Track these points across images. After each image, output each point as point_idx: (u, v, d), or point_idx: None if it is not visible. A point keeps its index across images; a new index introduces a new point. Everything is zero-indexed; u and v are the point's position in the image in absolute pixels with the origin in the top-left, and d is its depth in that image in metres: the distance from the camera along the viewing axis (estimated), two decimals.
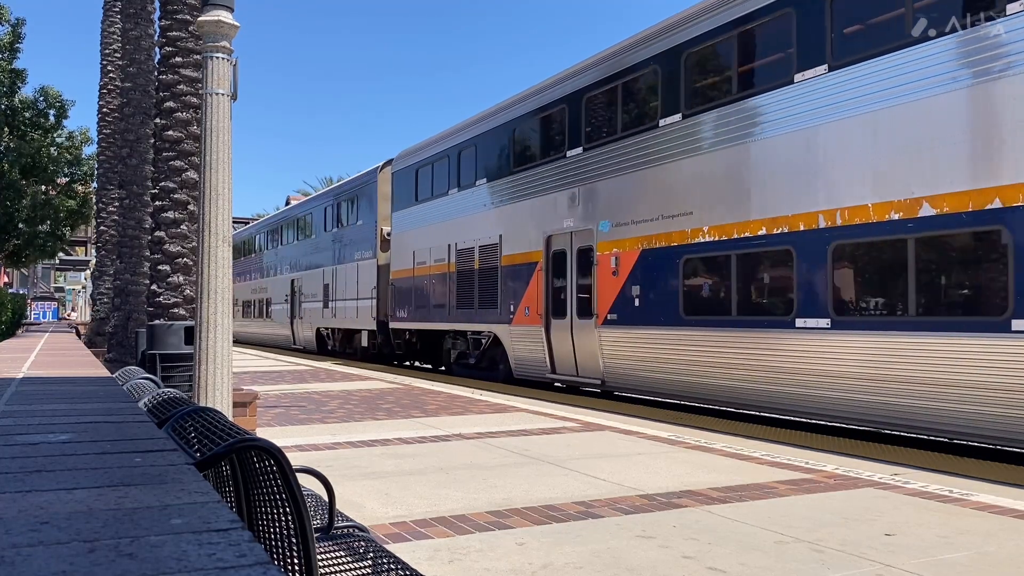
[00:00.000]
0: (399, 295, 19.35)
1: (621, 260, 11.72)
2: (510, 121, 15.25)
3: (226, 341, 6.06)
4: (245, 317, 35.15)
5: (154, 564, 1.12)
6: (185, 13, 8.23)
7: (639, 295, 11.37)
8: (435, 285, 17.59)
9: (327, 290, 24.23)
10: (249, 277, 35.36)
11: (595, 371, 12.21)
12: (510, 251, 14.81)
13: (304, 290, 26.69)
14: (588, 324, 12.33)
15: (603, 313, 11.99)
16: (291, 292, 28.14)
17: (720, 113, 10.32)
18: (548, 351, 13.36)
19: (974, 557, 3.91)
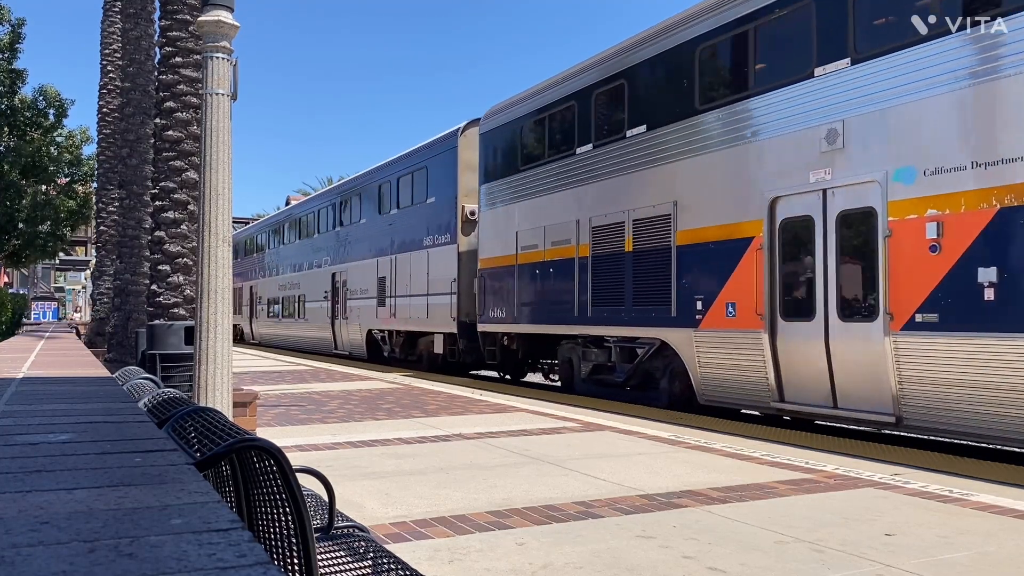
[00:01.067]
0: (492, 289, 14.70)
1: (949, 227, 7.48)
2: (698, 38, 10.36)
3: (226, 341, 6.06)
4: (273, 317, 30.52)
5: (154, 564, 1.12)
6: (185, 13, 8.23)
7: (995, 283, 7.17)
8: (552, 275, 13.01)
9: (383, 284, 19.76)
10: (276, 272, 30.47)
11: (878, 401, 8.08)
12: (693, 224, 10.36)
13: (350, 285, 22.09)
14: (867, 328, 8.20)
15: (905, 312, 7.80)
16: (332, 288, 23.50)
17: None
18: (774, 367, 9.14)
19: (974, 557, 3.91)
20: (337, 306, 23.34)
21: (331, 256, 24.15)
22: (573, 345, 12.95)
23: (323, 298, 24.34)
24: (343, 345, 22.90)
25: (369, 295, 20.70)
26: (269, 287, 31.38)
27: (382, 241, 20.21)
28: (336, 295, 23.38)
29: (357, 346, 21.78)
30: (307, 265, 26.63)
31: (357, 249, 22.00)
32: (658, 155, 11.03)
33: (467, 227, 16.53)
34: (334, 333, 23.62)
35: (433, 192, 17.87)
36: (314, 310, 25.57)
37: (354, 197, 22.85)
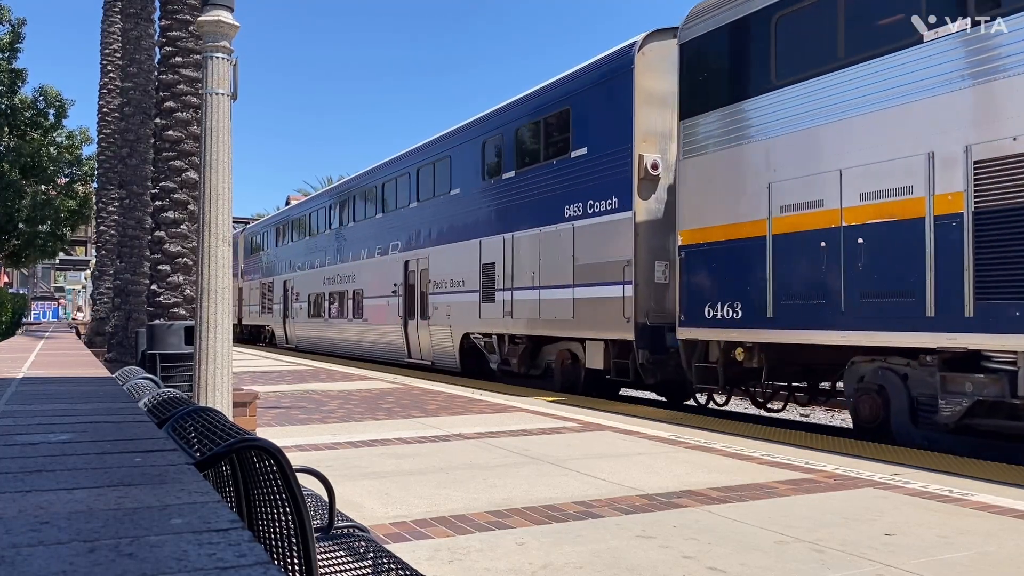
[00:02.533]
0: (710, 276, 9.87)
1: None
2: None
3: (226, 341, 6.06)
4: (316, 318, 25.36)
5: (154, 564, 1.12)
6: (185, 13, 8.23)
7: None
8: (864, 249, 7.96)
9: (491, 273, 14.83)
10: (320, 263, 25.12)
11: None
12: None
13: (435, 275, 17.12)
14: None
15: None
16: (405, 280, 18.68)
17: None
18: None
19: (974, 557, 3.91)
20: (413, 303, 18.32)
21: (404, 240, 18.99)
22: (886, 367, 8.17)
23: (391, 293, 19.35)
24: (421, 352, 17.93)
25: (465, 288, 15.68)
26: (309, 281, 25.91)
27: (488, 216, 15.02)
28: (411, 289, 18.52)
29: (444, 354, 16.68)
30: (366, 252, 21.37)
31: (447, 229, 16.75)
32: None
33: (646, 187, 11.37)
34: (407, 337, 18.48)
35: (584, 141, 12.40)
36: (377, 308, 20.47)
37: (440, 163, 17.47)
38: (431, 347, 17.36)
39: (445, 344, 16.69)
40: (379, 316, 20.28)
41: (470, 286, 15.55)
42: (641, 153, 11.40)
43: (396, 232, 19.62)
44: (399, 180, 19.76)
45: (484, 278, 15.02)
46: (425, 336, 17.63)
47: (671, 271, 10.97)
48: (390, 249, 19.86)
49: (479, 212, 15.48)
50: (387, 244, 20.08)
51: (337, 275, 23.53)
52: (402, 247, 19.13)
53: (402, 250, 19.12)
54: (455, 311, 16.15)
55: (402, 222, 19.30)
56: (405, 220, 19.12)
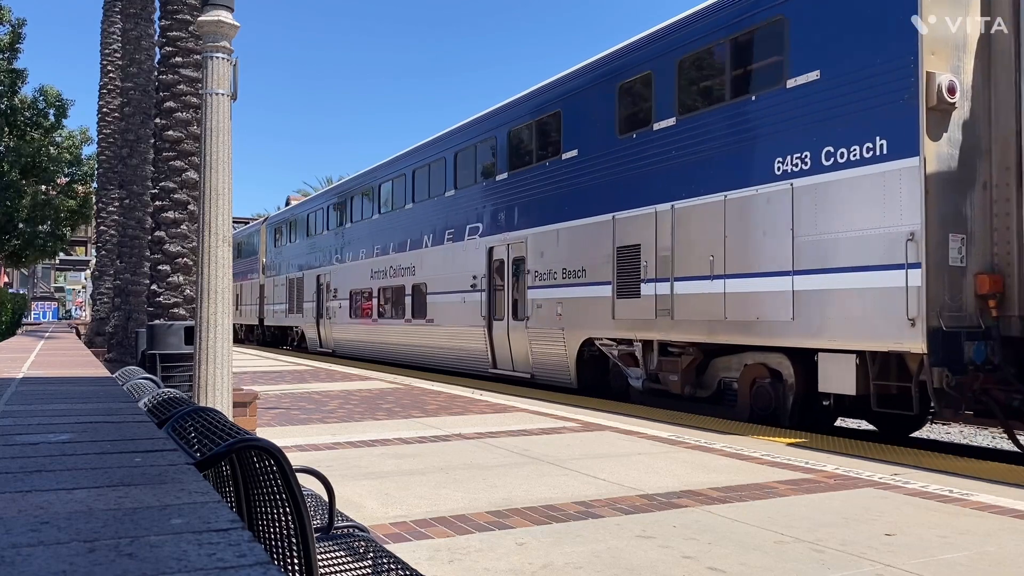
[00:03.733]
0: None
1: None
2: None
3: (226, 341, 6.06)
4: (361, 317, 21.53)
5: (154, 564, 1.12)
6: (185, 13, 8.23)
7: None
8: None
9: (633, 259, 11.13)
10: (367, 252, 21.33)
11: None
12: None
13: (535, 264, 13.54)
14: None
15: None
16: (489, 271, 15.17)
17: None
18: None
19: (974, 557, 3.91)
20: (501, 299, 14.71)
21: (488, 221, 15.26)
22: None
23: (470, 287, 15.61)
24: (513, 362, 14.25)
25: (587, 279, 12.16)
26: (352, 275, 22.08)
27: (626, 183, 11.43)
28: (498, 282, 14.89)
29: (551, 366, 13.12)
30: (431, 239, 17.69)
31: (556, 204, 13.14)
32: None
33: (936, 122, 7.80)
34: (491, 343, 14.87)
35: (814, 58, 8.77)
36: (448, 306, 16.70)
37: (546, 121, 13.60)
38: (529, 356, 13.56)
39: (553, 353, 12.93)
40: (451, 316, 16.50)
41: (596, 276, 11.88)
42: (931, 70, 7.70)
43: (475, 212, 15.68)
44: (479, 148, 15.81)
45: (620, 266, 11.27)
46: (520, 342, 13.86)
47: (976, 247, 7.84)
48: (467, 233, 15.89)
49: (610, 180, 11.76)
50: (462, 227, 16.17)
51: (390, 267, 19.69)
52: (485, 230, 15.22)
53: (485, 234, 15.21)
54: (570, 310, 12.50)
55: (485, 200, 15.42)
56: (489, 197, 15.23)
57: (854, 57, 8.38)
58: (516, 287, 14.27)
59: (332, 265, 23.72)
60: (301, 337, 26.91)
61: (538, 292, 13.43)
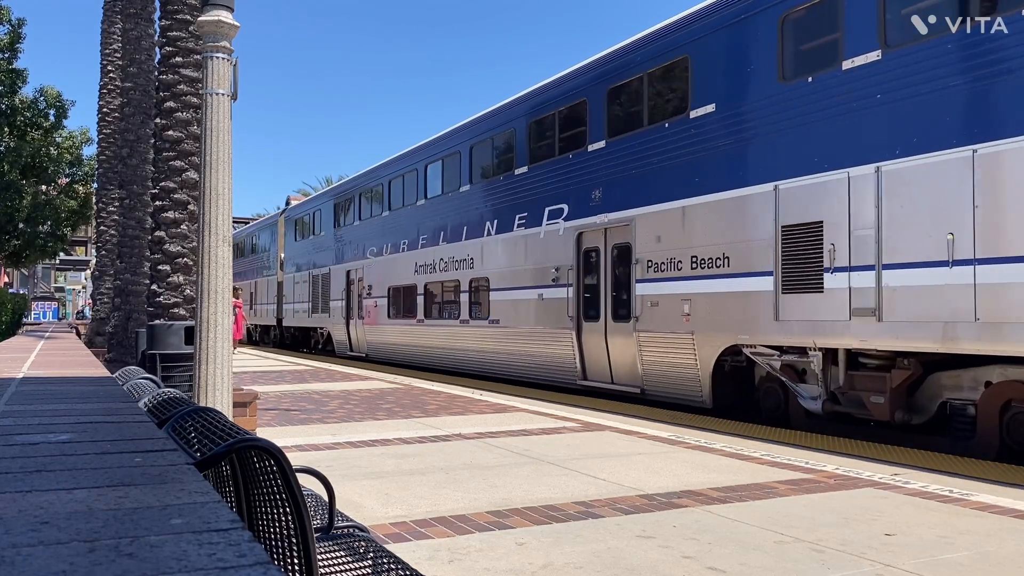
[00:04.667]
0: None
1: None
2: None
3: (226, 341, 6.06)
4: (402, 317, 18.97)
5: (154, 564, 1.12)
6: (185, 13, 8.23)
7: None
8: None
9: (812, 241, 8.63)
10: (403, 245, 19.00)
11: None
12: None
13: (647, 252, 11.02)
14: None
15: None
16: (578, 261, 12.65)
17: None
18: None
19: (974, 557, 3.91)
20: (596, 296, 12.25)
21: (574, 202, 12.69)
22: None
23: (551, 282, 13.17)
24: (614, 372, 11.85)
25: (730, 270, 9.62)
26: (391, 270, 19.60)
27: (796, 142, 8.87)
28: (591, 275, 12.42)
29: (673, 379, 10.61)
30: (495, 225, 15.04)
31: (676, 177, 10.59)
32: None
33: None
34: (581, 350, 12.47)
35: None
36: (518, 305, 14.13)
37: (660, 72, 11.16)
38: (638, 365, 11.15)
39: (675, 362, 10.48)
40: (522, 317, 13.99)
41: (745, 265, 9.37)
42: None
43: (558, 192, 13.10)
44: (561, 114, 13.19)
45: (788, 250, 8.80)
46: (624, 348, 11.47)
47: None
48: (546, 218, 13.34)
49: (769, 139, 9.22)
50: (538, 211, 13.58)
51: (440, 260, 17.13)
52: (572, 213, 12.69)
53: (572, 217, 12.68)
54: (704, 308, 9.97)
55: (571, 176, 12.81)
56: (578, 172, 12.63)
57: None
58: (616, 281, 11.77)
59: (366, 259, 21.21)
60: (327, 339, 24.50)
61: (652, 286, 10.82)
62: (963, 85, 7.34)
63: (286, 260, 28.80)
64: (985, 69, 7.21)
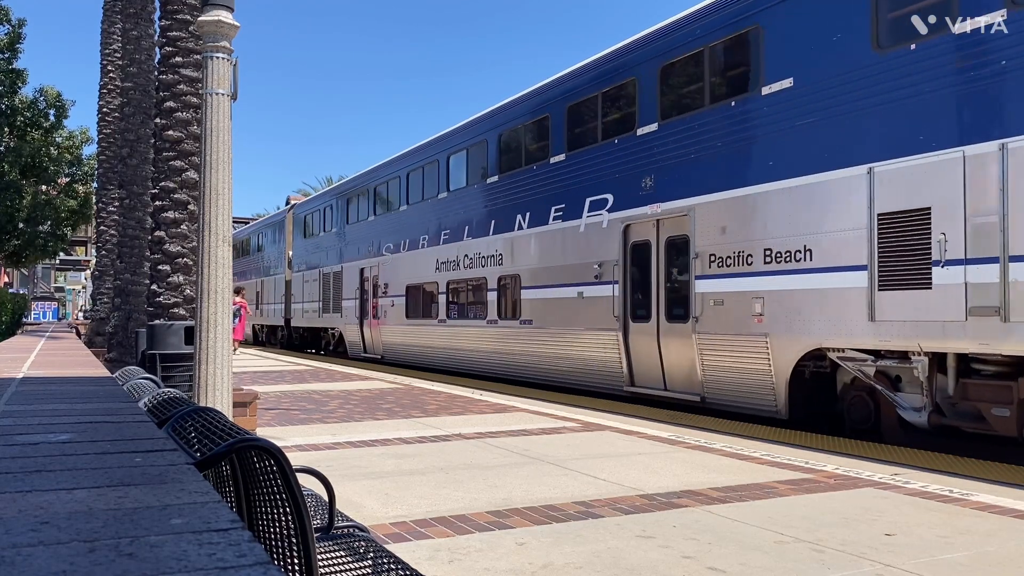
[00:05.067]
0: None
1: None
2: None
3: (226, 341, 6.06)
4: (421, 318, 17.95)
5: (154, 564, 1.12)
6: (185, 13, 8.23)
7: None
8: None
9: (919, 230, 7.62)
10: (422, 241, 17.98)
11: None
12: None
13: (709, 244, 10.07)
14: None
15: None
16: (624, 256, 11.67)
17: None
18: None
19: (974, 557, 3.91)
20: (646, 293, 11.16)
21: (624, 191, 11.57)
22: None
23: (593, 279, 12.10)
24: (668, 377, 10.78)
25: (811, 264, 8.65)
26: (409, 267, 18.58)
27: (895, 118, 7.99)
28: (639, 270, 11.34)
29: (743, 386, 9.52)
30: (527, 219, 13.95)
31: (752, 159, 9.49)
32: None
33: None
34: (628, 353, 11.39)
35: None
36: (556, 305, 13.02)
37: (725, 51, 10.21)
38: (697, 371, 10.10)
39: (743, 367, 9.44)
40: (560, 317, 12.93)
41: (832, 259, 8.38)
42: None
43: (600, 181, 12.08)
44: (604, 97, 12.17)
45: (886, 241, 7.86)
46: (682, 352, 10.39)
47: None
48: (587, 209, 12.29)
49: (861, 116, 8.23)
50: (578, 201, 12.51)
51: (464, 256, 16.06)
52: (618, 203, 11.65)
53: (618, 208, 11.64)
54: (781, 307, 8.94)
55: (617, 164, 11.73)
56: (625, 159, 11.56)
57: None
58: (671, 277, 10.71)
59: (381, 256, 20.10)
60: (338, 340, 23.45)
61: (716, 283, 9.76)
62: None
63: (294, 258, 27.78)
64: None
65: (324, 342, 25.20)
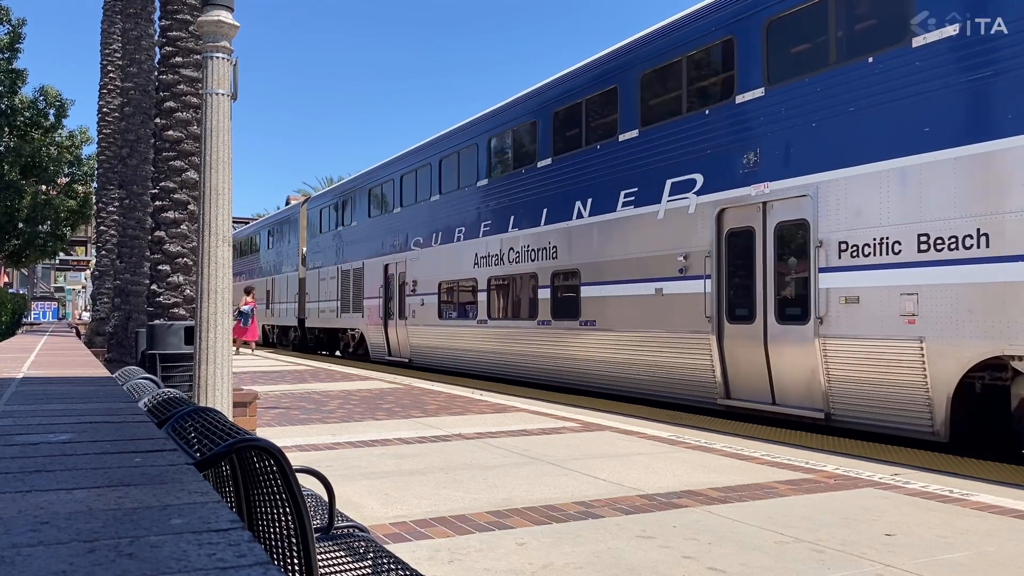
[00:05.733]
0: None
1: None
2: None
3: (226, 341, 6.06)
4: (453, 318, 16.83)
5: (154, 564, 1.12)
6: (185, 13, 8.23)
7: None
8: None
9: None
10: (458, 234, 16.56)
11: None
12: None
13: (835, 231, 8.46)
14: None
15: None
16: (719, 247, 10.06)
17: None
18: None
19: (974, 557, 3.91)
20: (750, 288, 9.62)
21: (718, 170, 10.03)
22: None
23: (677, 272, 10.50)
24: (774, 390, 9.28)
25: (985, 253, 7.17)
26: (444, 262, 17.12)
27: None
28: (733, 261, 9.87)
29: (887, 401, 8.03)
30: (589, 206, 12.43)
31: (909, 123, 7.91)
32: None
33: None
34: (723, 359, 9.90)
35: None
36: (627, 303, 11.49)
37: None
38: (822, 382, 8.52)
39: (891, 379, 7.92)
40: (630, 317, 11.44)
41: (1015, 245, 6.97)
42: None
43: (683, 161, 10.48)
44: (691, 60, 10.61)
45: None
46: (798, 358, 8.84)
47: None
48: (668, 193, 10.68)
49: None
50: (655, 185, 10.92)
51: (510, 249, 14.54)
52: (709, 185, 10.06)
53: (709, 190, 10.06)
54: (942, 306, 7.47)
55: (705, 139, 10.20)
56: (716, 134, 10.03)
57: None
58: (783, 270, 9.20)
59: (410, 251, 18.64)
60: (359, 342, 22.04)
61: (848, 277, 8.27)
62: None
63: (309, 254, 26.20)
64: None
65: (343, 344, 23.84)
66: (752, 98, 9.55)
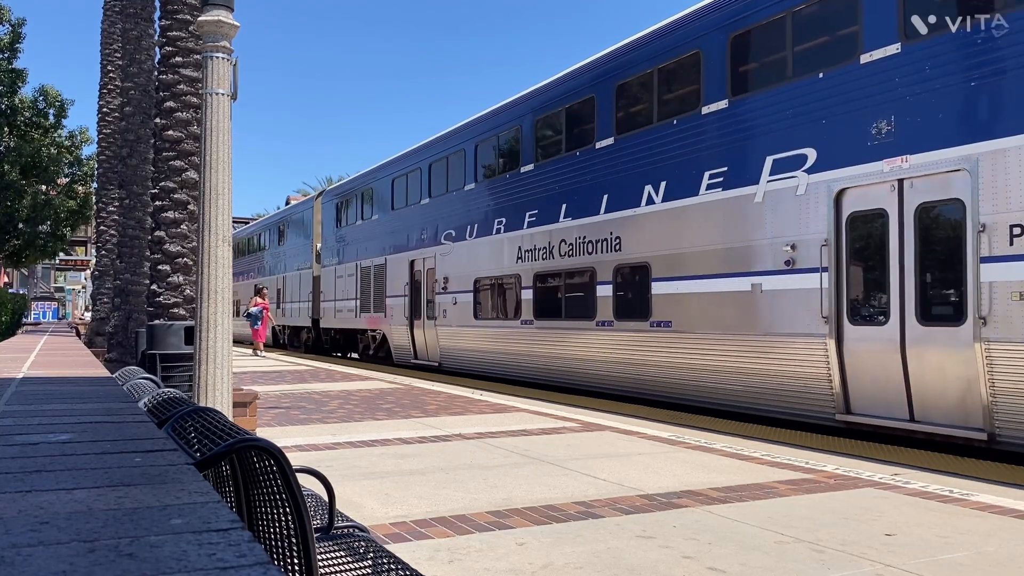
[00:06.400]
0: None
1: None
2: None
3: (226, 341, 6.06)
4: (490, 319, 15.41)
5: (154, 564, 1.12)
6: (185, 13, 8.23)
7: None
8: None
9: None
10: (497, 226, 15.10)
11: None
12: None
13: (1006, 213, 6.87)
14: None
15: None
16: (837, 236, 8.40)
17: None
18: None
19: (974, 557, 3.91)
20: (882, 285, 8.09)
21: (834, 145, 8.51)
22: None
23: (783, 265, 9.03)
24: (911, 404, 7.82)
25: None
26: (479, 257, 15.62)
27: None
28: (854, 253, 8.45)
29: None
30: (661, 191, 10.92)
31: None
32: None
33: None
34: (843, 368, 8.47)
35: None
36: (714, 301, 9.96)
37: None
38: (984, 395, 7.14)
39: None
40: (716, 317, 9.96)
41: None
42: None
43: (789, 135, 9.01)
44: (797, 19, 9.08)
45: None
46: (949, 367, 7.46)
47: None
48: (768, 172, 9.20)
49: None
50: (749, 164, 9.47)
51: (561, 241, 13.07)
52: (820, 161, 8.61)
53: (822, 168, 8.58)
54: None
55: (820, 108, 8.65)
56: (833, 102, 8.50)
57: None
58: (928, 261, 7.71)
59: (439, 245, 17.11)
60: (380, 343, 20.60)
61: (1020, 268, 6.81)
62: None
63: (324, 250, 24.68)
64: None
65: (363, 346, 22.14)
66: (883, 57, 7.96)
